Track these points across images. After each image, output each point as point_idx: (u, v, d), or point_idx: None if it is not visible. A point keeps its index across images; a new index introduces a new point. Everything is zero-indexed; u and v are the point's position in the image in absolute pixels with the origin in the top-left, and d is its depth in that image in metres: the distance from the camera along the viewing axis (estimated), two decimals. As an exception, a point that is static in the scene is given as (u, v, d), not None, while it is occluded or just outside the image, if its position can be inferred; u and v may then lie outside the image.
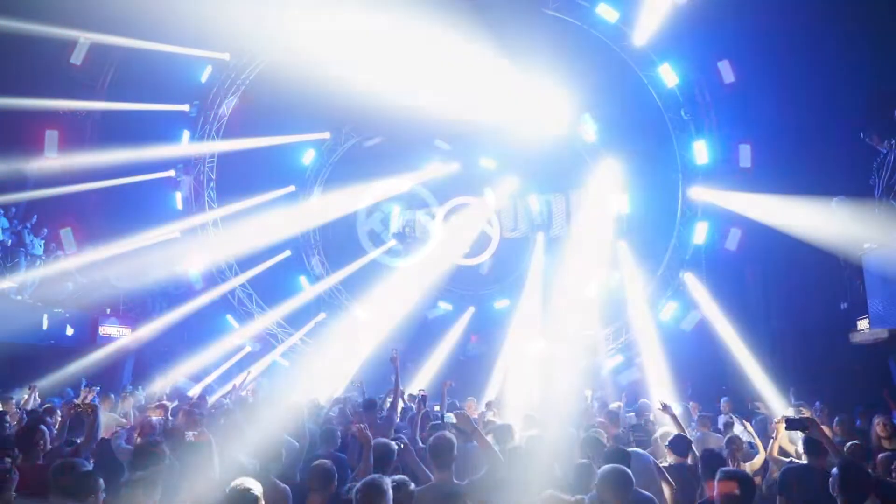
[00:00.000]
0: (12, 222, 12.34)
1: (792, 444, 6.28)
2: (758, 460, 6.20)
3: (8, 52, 12.24)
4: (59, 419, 6.50)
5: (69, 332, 12.67)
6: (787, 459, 5.78)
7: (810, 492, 4.36)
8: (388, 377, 9.75)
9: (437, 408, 8.12)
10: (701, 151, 14.13)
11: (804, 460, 5.19)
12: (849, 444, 5.39)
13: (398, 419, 7.29)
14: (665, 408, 6.26)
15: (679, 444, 5.43)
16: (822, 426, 4.90)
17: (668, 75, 14.10)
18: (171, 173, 15.85)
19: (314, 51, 13.06)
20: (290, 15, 13.38)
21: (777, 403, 9.73)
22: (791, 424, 4.58)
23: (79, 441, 5.25)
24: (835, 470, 3.63)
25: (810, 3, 12.27)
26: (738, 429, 7.39)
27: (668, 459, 5.48)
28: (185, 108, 15.92)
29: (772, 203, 11.82)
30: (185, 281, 15.48)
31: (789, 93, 12.47)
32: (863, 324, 9.66)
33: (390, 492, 3.36)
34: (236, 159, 15.83)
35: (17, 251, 12.09)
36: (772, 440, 6.07)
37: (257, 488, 3.33)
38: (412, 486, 3.69)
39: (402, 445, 4.87)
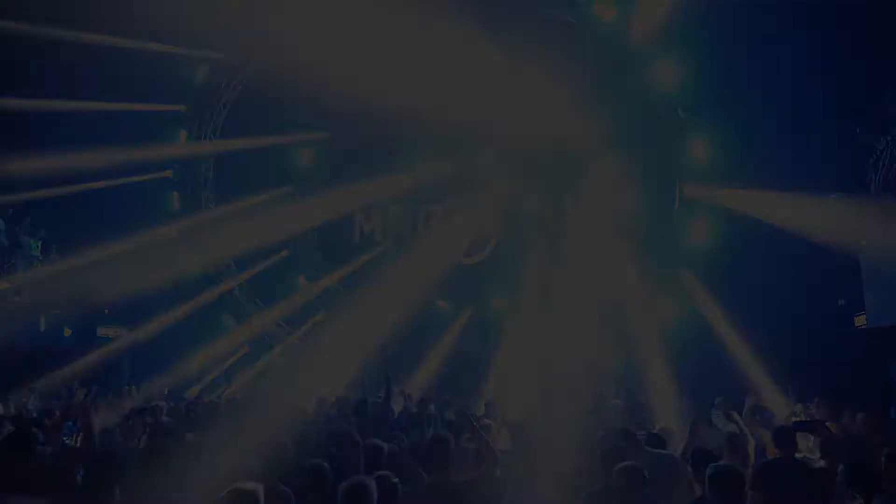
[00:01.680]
0: (8, 223, 12.31)
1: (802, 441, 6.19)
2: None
3: (8, 53, 12.21)
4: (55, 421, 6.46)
5: (67, 333, 12.64)
6: (801, 456, 5.73)
7: (788, 485, 4.34)
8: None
9: (430, 408, 8.10)
10: (698, 149, 14.12)
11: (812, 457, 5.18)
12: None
13: (395, 416, 7.27)
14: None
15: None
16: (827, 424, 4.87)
17: (666, 73, 14.08)
18: (169, 173, 15.83)
19: (312, 50, 13.04)
20: (288, 14, 13.34)
21: (776, 400, 9.73)
22: (799, 427, 4.61)
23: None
24: (842, 467, 3.61)
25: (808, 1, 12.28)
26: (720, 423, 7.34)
27: None
28: (183, 108, 15.90)
29: (769, 200, 11.82)
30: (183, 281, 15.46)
31: (787, 90, 12.47)
32: (860, 319, 9.67)
33: (375, 493, 3.37)
34: (234, 159, 15.80)
35: (14, 252, 12.05)
36: None
37: (258, 490, 3.25)
38: (395, 479, 3.69)
39: (395, 448, 4.85)
